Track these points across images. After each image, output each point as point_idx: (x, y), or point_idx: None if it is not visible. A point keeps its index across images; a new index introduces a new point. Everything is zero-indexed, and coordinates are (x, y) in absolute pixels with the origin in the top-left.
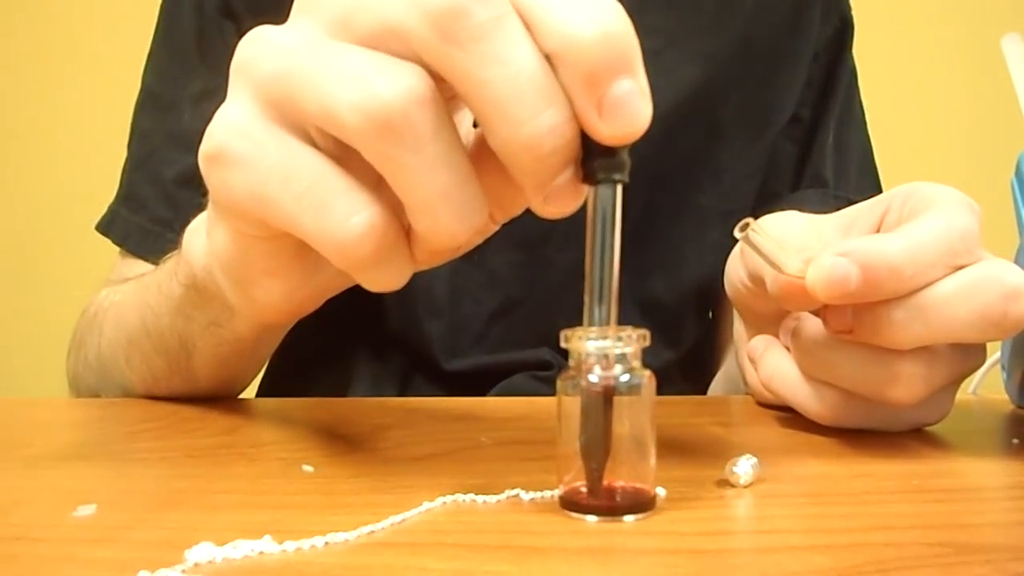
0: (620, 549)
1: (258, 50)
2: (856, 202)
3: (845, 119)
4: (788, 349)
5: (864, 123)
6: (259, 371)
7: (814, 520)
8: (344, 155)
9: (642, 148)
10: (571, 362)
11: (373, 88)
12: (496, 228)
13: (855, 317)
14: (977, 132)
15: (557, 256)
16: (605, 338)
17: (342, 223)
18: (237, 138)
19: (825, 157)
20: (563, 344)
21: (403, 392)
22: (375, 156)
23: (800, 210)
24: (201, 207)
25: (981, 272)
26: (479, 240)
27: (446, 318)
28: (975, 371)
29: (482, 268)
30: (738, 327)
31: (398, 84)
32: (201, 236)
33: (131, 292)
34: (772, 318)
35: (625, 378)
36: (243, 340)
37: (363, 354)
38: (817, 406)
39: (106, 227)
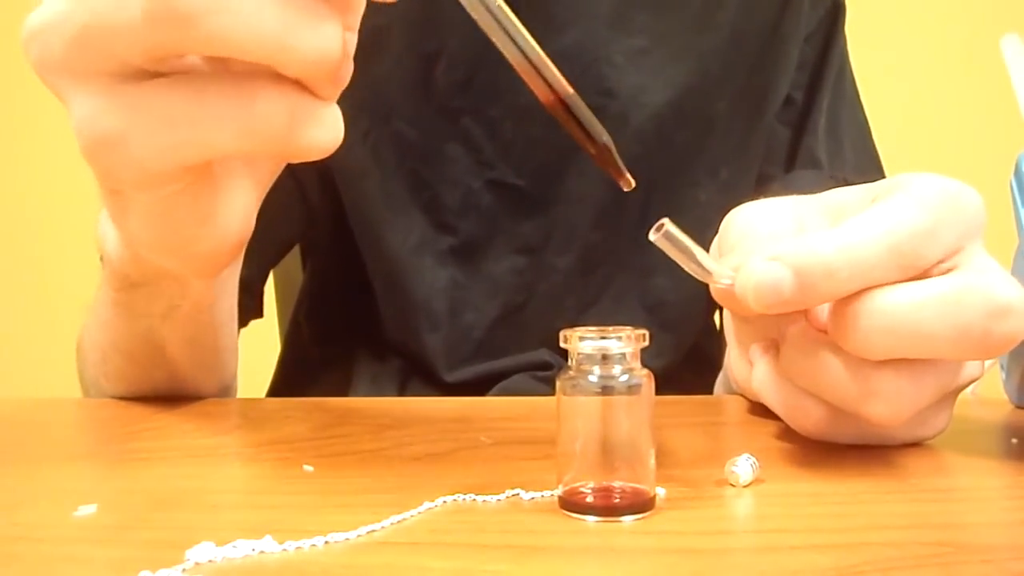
0: (620, 549)
1: (48, 41)
2: (853, 183)
3: (838, 100)
4: None
5: (859, 104)
6: (234, 345)
7: (814, 520)
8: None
9: (636, 147)
10: (570, 362)
11: None
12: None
13: (829, 317)
14: (977, 132)
15: (557, 260)
16: (604, 338)
17: (243, 115)
18: (104, 120)
19: (819, 139)
20: (562, 344)
21: (402, 393)
22: (201, 45)
23: (794, 192)
24: None
25: (964, 283)
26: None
27: (445, 331)
28: (972, 383)
29: (482, 277)
30: (726, 317)
31: None
32: (114, 238)
33: (93, 313)
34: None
35: (624, 378)
36: (202, 307)
37: (363, 356)
38: (803, 421)
39: None
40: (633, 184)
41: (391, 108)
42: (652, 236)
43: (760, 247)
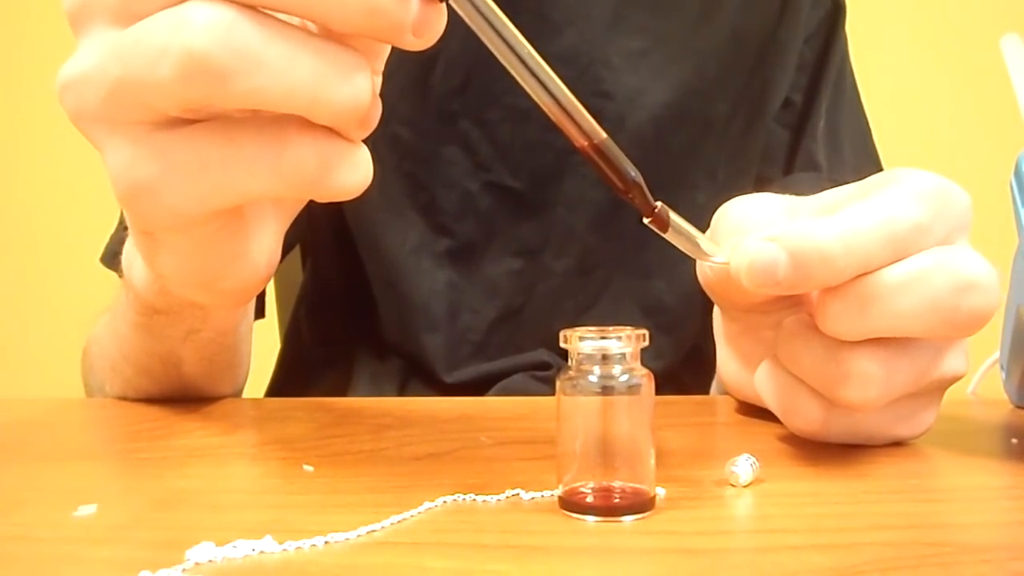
0: (620, 549)
1: (83, 93)
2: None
3: (837, 102)
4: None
5: (859, 105)
6: (248, 355)
7: (813, 520)
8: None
9: (633, 150)
10: (570, 362)
11: (180, 45)
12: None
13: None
14: (977, 132)
15: (554, 263)
16: (604, 338)
17: (275, 161)
18: (139, 168)
19: (818, 141)
20: (562, 344)
21: (402, 393)
22: (234, 101)
23: (792, 195)
24: None
25: (932, 260)
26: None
27: (444, 332)
28: (953, 382)
29: (480, 279)
30: (716, 316)
31: (202, 34)
32: (141, 268)
33: (106, 324)
34: (743, 304)
35: (624, 378)
36: (225, 332)
37: (363, 356)
38: (796, 419)
39: (111, 260)
40: (658, 207)
41: (389, 110)
42: (646, 220)
43: (755, 233)
